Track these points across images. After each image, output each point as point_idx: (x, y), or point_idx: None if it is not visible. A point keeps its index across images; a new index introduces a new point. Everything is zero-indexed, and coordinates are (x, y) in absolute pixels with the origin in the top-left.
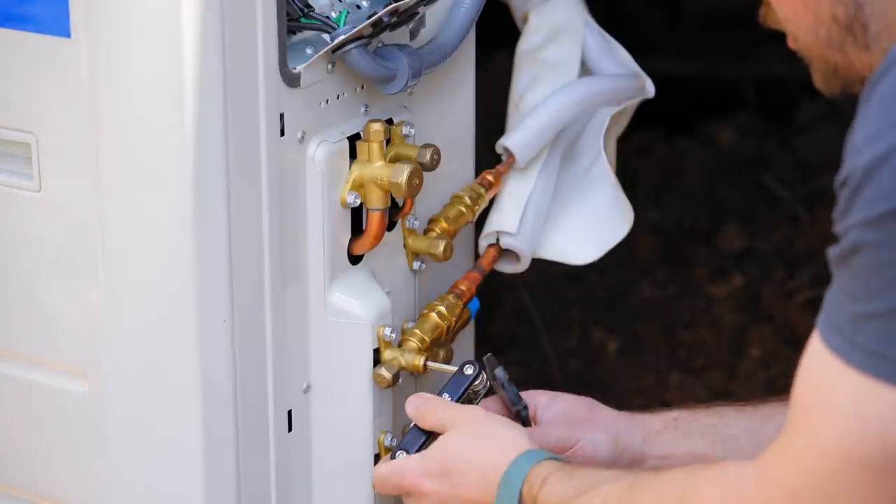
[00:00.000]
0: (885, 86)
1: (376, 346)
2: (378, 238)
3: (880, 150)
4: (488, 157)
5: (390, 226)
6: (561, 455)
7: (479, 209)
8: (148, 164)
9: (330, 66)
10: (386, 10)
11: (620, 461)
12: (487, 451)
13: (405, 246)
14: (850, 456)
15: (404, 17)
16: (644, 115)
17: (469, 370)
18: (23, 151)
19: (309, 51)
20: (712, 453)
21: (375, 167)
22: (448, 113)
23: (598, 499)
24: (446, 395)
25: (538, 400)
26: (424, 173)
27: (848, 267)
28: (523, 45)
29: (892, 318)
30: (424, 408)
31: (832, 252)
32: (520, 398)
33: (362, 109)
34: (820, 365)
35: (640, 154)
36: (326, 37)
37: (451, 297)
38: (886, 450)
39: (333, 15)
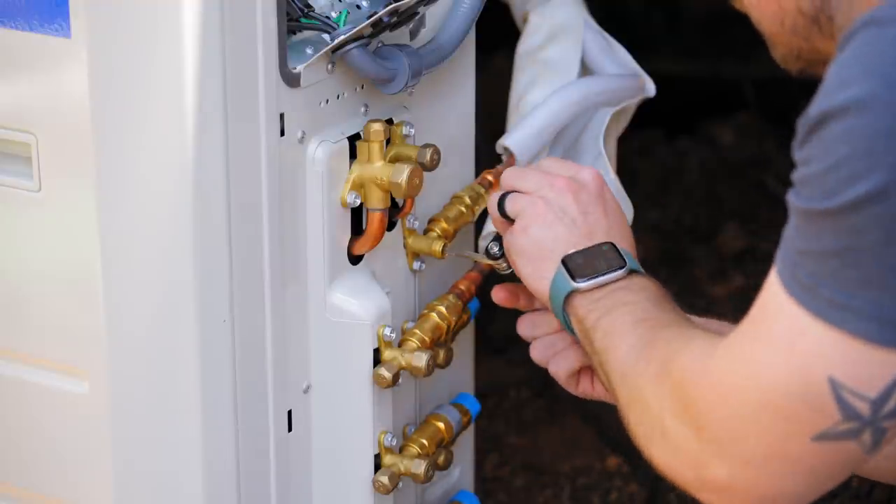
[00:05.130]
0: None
1: (376, 346)
2: (378, 238)
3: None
4: (488, 157)
5: (390, 226)
6: None
7: (479, 209)
8: (148, 165)
9: (330, 66)
10: (386, 10)
11: None
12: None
13: (405, 246)
14: (775, 384)
15: (404, 17)
16: (644, 115)
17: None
18: (23, 151)
19: (309, 51)
20: None
21: (375, 167)
22: (448, 113)
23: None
24: None
25: None
26: (424, 173)
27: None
28: (523, 46)
29: (827, 258)
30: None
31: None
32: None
33: (362, 109)
34: (772, 287)
35: (640, 154)
36: (326, 37)
37: (451, 297)
38: (809, 385)
39: (333, 15)
